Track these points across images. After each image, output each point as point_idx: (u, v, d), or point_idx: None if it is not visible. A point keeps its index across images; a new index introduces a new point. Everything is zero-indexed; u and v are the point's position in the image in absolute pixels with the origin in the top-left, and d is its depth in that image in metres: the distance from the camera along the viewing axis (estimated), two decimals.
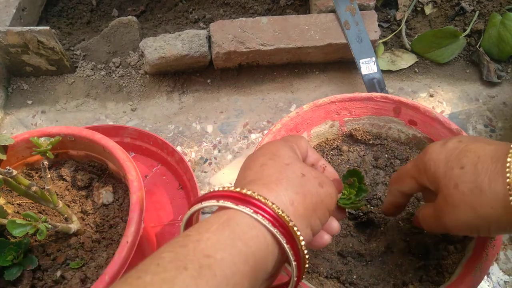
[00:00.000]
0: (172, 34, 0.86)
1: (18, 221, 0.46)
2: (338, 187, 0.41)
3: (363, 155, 0.57)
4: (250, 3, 1.00)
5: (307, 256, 0.31)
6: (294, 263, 0.30)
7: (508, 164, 0.32)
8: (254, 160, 0.35)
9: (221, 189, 0.31)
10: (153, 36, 0.86)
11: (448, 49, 0.90)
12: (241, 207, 0.29)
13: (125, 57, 0.92)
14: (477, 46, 0.90)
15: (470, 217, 0.34)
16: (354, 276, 0.47)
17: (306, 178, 0.33)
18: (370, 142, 0.58)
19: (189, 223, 0.33)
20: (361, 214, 0.52)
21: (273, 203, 0.30)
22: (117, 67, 0.92)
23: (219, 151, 0.81)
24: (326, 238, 0.38)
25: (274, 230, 0.29)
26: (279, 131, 0.55)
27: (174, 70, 0.90)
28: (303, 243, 0.30)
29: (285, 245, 0.29)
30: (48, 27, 0.82)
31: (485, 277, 0.65)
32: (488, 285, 0.64)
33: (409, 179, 0.41)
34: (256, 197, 0.29)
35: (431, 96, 0.87)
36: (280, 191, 0.31)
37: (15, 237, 0.52)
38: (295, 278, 0.31)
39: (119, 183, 0.59)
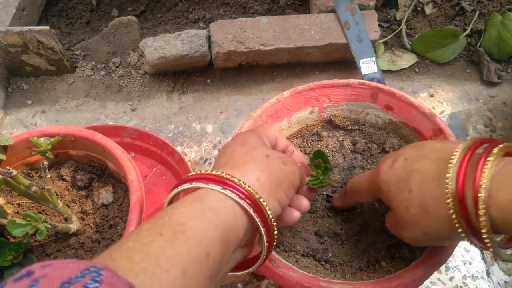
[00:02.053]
0: (172, 34, 0.86)
1: (18, 221, 0.46)
2: (307, 172, 0.45)
3: (342, 140, 0.59)
4: (250, 3, 1.00)
5: (275, 224, 0.35)
6: (263, 229, 0.34)
7: (446, 190, 0.33)
8: (226, 148, 0.40)
9: (194, 173, 0.35)
10: (153, 36, 0.86)
11: (448, 49, 0.90)
12: (211, 185, 0.33)
13: (125, 57, 0.92)
14: (477, 46, 0.90)
15: (423, 235, 0.38)
16: (330, 254, 0.48)
17: (271, 158, 0.37)
18: (349, 127, 0.60)
19: None
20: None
21: (240, 180, 0.33)
22: (117, 67, 0.92)
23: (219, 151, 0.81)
24: (295, 214, 0.41)
25: (241, 202, 0.33)
26: (259, 117, 0.56)
27: (174, 70, 0.90)
28: (269, 212, 0.34)
29: (252, 213, 0.33)
30: (48, 27, 0.82)
31: (485, 277, 0.65)
32: (488, 285, 0.64)
33: (366, 193, 0.45)
34: (225, 176, 0.33)
35: (431, 96, 0.87)
36: (247, 170, 0.35)
37: (15, 237, 0.52)
38: (266, 244, 0.35)
39: (119, 183, 0.59)
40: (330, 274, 0.47)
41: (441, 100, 0.87)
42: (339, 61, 0.91)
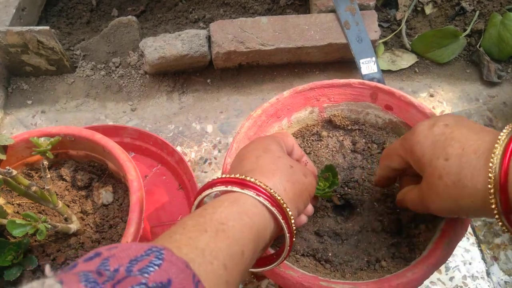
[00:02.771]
0: (172, 34, 0.86)
1: (18, 221, 0.46)
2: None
3: (342, 140, 0.59)
4: (250, 3, 1.00)
5: (295, 231, 0.39)
6: (287, 234, 0.38)
7: (491, 164, 0.34)
8: (249, 152, 0.42)
9: (227, 176, 0.37)
10: (153, 36, 0.86)
11: (448, 49, 0.90)
12: (246, 191, 0.36)
13: (125, 57, 0.92)
14: (477, 46, 0.90)
15: (452, 206, 0.38)
16: (330, 254, 0.49)
17: (294, 169, 0.40)
18: (349, 127, 0.60)
19: (199, 206, 0.40)
20: (338, 196, 0.54)
21: (271, 189, 0.36)
22: (117, 67, 0.92)
23: (219, 151, 0.81)
24: (303, 218, 0.45)
25: (273, 209, 0.36)
26: (259, 117, 0.56)
27: (174, 70, 0.90)
28: (293, 220, 0.38)
29: (281, 220, 0.36)
30: (47, 27, 0.82)
31: (485, 277, 0.65)
32: (488, 286, 0.64)
33: (397, 156, 0.44)
34: (258, 183, 0.36)
35: (431, 96, 0.87)
36: (275, 179, 0.38)
37: (15, 237, 0.52)
38: (288, 247, 0.39)
39: (119, 183, 0.59)
40: (330, 274, 0.47)
41: (441, 100, 0.87)
42: (339, 61, 0.91)
